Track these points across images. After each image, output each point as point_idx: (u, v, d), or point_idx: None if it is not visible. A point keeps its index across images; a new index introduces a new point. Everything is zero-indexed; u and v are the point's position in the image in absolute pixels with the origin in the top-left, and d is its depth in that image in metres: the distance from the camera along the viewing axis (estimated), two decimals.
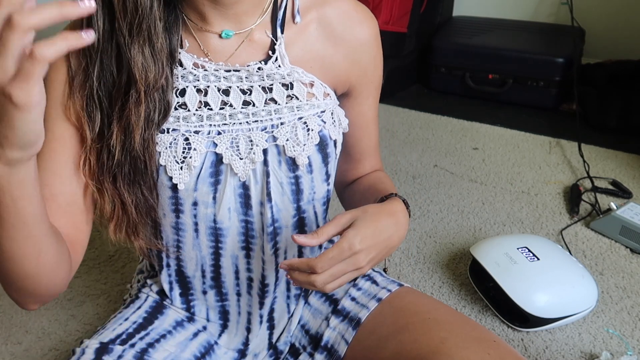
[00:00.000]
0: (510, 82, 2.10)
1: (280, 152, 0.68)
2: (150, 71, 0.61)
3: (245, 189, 0.69)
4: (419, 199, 1.54)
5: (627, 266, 1.26)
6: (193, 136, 0.65)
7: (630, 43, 2.23)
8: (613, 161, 1.72)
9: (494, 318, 1.13)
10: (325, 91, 0.71)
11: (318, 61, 0.70)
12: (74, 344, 1.07)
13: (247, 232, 0.72)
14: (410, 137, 1.90)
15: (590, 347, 1.05)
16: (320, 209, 0.76)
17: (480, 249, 1.19)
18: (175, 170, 0.66)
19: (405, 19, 2.10)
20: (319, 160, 0.70)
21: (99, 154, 0.64)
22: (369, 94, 0.77)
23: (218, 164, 0.67)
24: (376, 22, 0.74)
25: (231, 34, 0.66)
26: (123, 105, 0.62)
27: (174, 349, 0.74)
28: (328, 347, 0.75)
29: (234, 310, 0.78)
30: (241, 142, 0.67)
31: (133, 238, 0.69)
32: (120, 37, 0.59)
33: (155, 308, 0.79)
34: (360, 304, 0.77)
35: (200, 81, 0.66)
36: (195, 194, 0.67)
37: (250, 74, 0.66)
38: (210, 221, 0.70)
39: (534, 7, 2.43)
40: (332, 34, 0.69)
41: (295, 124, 0.68)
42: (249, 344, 0.79)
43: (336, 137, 0.72)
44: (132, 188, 0.65)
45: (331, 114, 0.71)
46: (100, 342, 0.70)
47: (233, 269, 0.74)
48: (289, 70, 0.67)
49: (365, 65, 0.73)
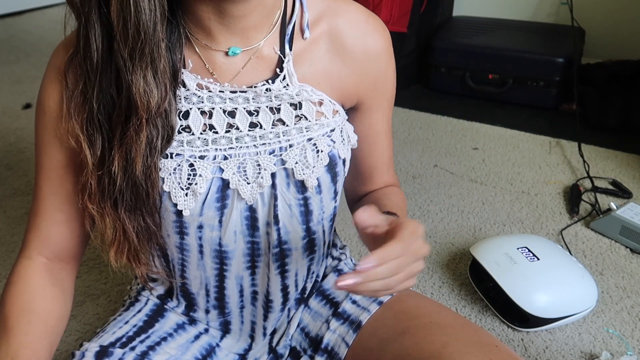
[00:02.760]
0: (510, 82, 2.10)
1: (289, 175, 0.65)
2: (152, 97, 0.57)
3: (252, 211, 0.67)
4: (419, 199, 1.54)
5: (627, 266, 1.26)
6: (198, 162, 0.63)
7: (630, 43, 2.23)
8: (613, 161, 1.72)
9: (494, 318, 1.13)
10: (334, 108, 0.68)
11: (326, 76, 0.67)
12: (74, 344, 1.07)
13: (253, 253, 0.70)
14: (410, 137, 1.90)
15: (590, 347, 1.05)
16: (327, 226, 0.74)
17: (480, 249, 1.19)
18: (180, 197, 0.63)
19: (405, 19, 2.10)
20: (328, 181, 0.68)
21: (100, 180, 0.61)
22: (380, 107, 0.74)
23: (224, 188, 0.64)
24: (388, 33, 0.70)
25: (238, 52, 0.62)
26: (123, 132, 0.58)
27: (174, 351, 0.74)
28: (328, 349, 0.75)
29: (236, 321, 0.78)
30: (248, 167, 0.64)
31: (135, 265, 0.68)
32: (119, 60, 0.55)
33: (156, 311, 0.78)
34: (361, 306, 0.76)
35: (204, 103, 0.63)
36: (200, 218, 0.65)
37: (258, 95, 0.63)
38: (215, 244, 0.68)
39: (534, 7, 2.43)
40: (342, 48, 0.66)
41: (304, 145, 0.65)
42: (251, 349, 0.79)
43: (345, 155, 0.70)
44: (134, 215, 0.63)
45: (340, 132, 0.69)
46: (100, 345, 0.70)
47: (238, 289, 0.74)
48: (298, 90, 0.64)
49: (374, 78, 0.70)
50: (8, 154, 1.80)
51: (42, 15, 3.25)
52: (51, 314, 0.66)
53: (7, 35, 2.96)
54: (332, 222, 0.76)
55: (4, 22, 3.15)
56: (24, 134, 1.92)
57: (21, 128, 1.97)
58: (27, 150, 1.82)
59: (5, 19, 3.19)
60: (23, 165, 1.73)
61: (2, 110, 2.11)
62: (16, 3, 3.24)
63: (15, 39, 2.91)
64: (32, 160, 1.75)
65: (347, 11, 0.67)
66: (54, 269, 0.70)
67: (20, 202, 1.53)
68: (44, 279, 0.68)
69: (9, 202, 1.54)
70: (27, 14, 3.27)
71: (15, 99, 2.19)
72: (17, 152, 1.80)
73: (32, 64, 2.57)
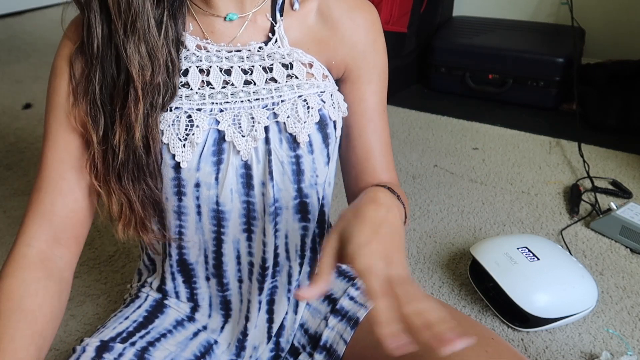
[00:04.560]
0: (510, 82, 2.10)
1: (281, 130, 0.68)
2: (147, 69, 0.62)
3: (247, 168, 0.69)
4: (419, 199, 1.54)
5: (627, 266, 1.26)
6: (195, 113, 0.66)
7: (630, 43, 2.23)
8: (613, 161, 1.72)
9: (494, 318, 1.13)
10: (324, 73, 0.72)
11: (315, 42, 0.71)
12: (74, 344, 1.07)
13: (249, 214, 0.72)
14: (410, 137, 1.90)
15: (590, 347, 1.05)
16: (322, 194, 0.75)
17: (480, 249, 1.19)
18: (178, 147, 0.66)
19: (405, 19, 2.10)
20: (319, 140, 0.71)
21: (104, 155, 0.66)
22: (370, 79, 0.76)
23: (220, 142, 0.68)
24: (375, 11, 0.75)
25: (235, 17, 0.68)
26: (123, 105, 0.64)
27: (174, 348, 0.74)
28: (327, 346, 0.75)
29: (235, 299, 0.78)
30: (243, 120, 0.68)
31: (142, 233, 0.70)
32: (117, 38, 0.62)
33: (156, 307, 0.79)
34: (358, 303, 0.77)
35: (202, 62, 0.68)
36: (197, 174, 0.68)
37: (252, 53, 0.69)
38: (212, 203, 0.70)
39: (534, 7, 2.43)
40: (330, 19, 0.72)
41: (295, 101, 0.69)
42: (247, 333, 0.78)
43: (335, 118, 0.72)
44: (137, 182, 0.66)
45: (330, 96, 0.72)
46: (100, 340, 0.70)
47: (235, 254, 0.75)
48: (289, 51, 0.69)
49: (363, 47, 0.74)
50: (8, 154, 1.80)
51: (42, 15, 3.25)
52: (43, 314, 0.64)
53: (7, 35, 2.96)
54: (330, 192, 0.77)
55: (4, 22, 3.15)
56: (24, 134, 1.92)
57: (21, 128, 1.97)
58: (27, 150, 1.82)
59: (5, 19, 3.19)
60: (23, 165, 1.73)
61: (2, 110, 2.11)
62: (16, 3, 3.24)
63: (15, 39, 2.91)
64: (32, 161, 1.75)
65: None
66: (52, 258, 0.68)
67: (20, 202, 1.53)
68: (38, 272, 0.66)
69: (9, 202, 1.54)
70: (27, 14, 3.27)
71: (15, 99, 2.19)
72: (17, 152, 1.80)
73: (32, 64, 2.57)
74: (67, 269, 0.70)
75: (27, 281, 0.65)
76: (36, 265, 0.66)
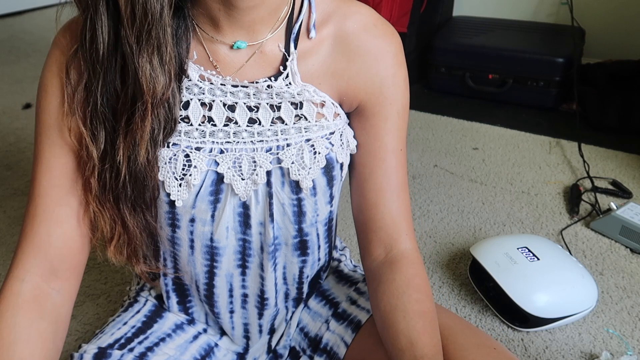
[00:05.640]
0: (510, 82, 2.10)
1: (284, 174, 0.65)
2: (158, 82, 0.56)
3: (246, 208, 0.66)
4: (419, 199, 1.54)
5: (627, 266, 1.26)
6: (194, 153, 0.62)
7: (630, 43, 2.23)
8: (613, 161, 1.72)
9: (494, 318, 1.13)
10: (336, 111, 0.67)
11: (329, 75, 0.65)
12: (73, 344, 1.07)
13: (244, 251, 0.69)
14: (410, 137, 1.90)
15: (590, 347, 1.05)
16: (322, 229, 0.73)
17: (480, 249, 1.19)
18: (174, 187, 0.63)
19: (405, 19, 2.10)
20: (324, 184, 0.67)
21: (101, 174, 0.60)
22: (387, 115, 0.68)
23: (219, 182, 0.64)
24: (399, 39, 0.68)
25: (243, 46, 0.62)
26: (129, 120, 0.58)
27: (173, 352, 0.73)
28: (327, 349, 0.75)
29: (227, 327, 0.77)
30: (244, 163, 0.64)
31: (134, 261, 0.67)
32: (126, 46, 0.55)
33: (155, 312, 0.78)
34: (360, 307, 0.76)
35: (205, 95, 0.63)
36: (193, 211, 0.65)
37: (259, 91, 0.63)
38: (206, 239, 0.67)
39: (534, 7, 2.43)
40: (347, 48, 0.65)
41: (302, 146, 0.64)
42: (249, 349, 0.79)
43: (343, 159, 0.68)
44: (135, 211, 0.62)
45: (340, 136, 0.67)
46: (98, 347, 0.69)
47: (227, 287, 0.73)
48: (300, 89, 0.63)
49: (380, 82, 0.66)
50: (8, 154, 1.80)
51: (42, 15, 3.25)
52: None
53: (7, 35, 2.96)
54: (329, 228, 0.74)
55: (4, 22, 3.15)
56: (24, 134, 1.92)
57: (21, 128, 1.97)
58: (27, 150, 1.82)
59: (5, 19, 3.19)
60: (23, 165, 1.73)
61: (2, 110, 2.11)
62: (16, 3, 3.25)
63: (15, 39, 2.91)
64: (32, 160, 1.75)
65: (357, 13, 0.65)
66: (48, 293, 0.63)
67: (20, 202, 1.53)
68: (32, 312, 0.61)
69: (9, 202, 1.54)
70: (27, 14, 3.27)
71: (15, 99, 2.19)
72: (17, 152, 1.80)
73: (32, 64, 2.57)
74: (65, 303, 0.65)
75: (19, 325, 0.60)
76: (29, 305, 0.61)
